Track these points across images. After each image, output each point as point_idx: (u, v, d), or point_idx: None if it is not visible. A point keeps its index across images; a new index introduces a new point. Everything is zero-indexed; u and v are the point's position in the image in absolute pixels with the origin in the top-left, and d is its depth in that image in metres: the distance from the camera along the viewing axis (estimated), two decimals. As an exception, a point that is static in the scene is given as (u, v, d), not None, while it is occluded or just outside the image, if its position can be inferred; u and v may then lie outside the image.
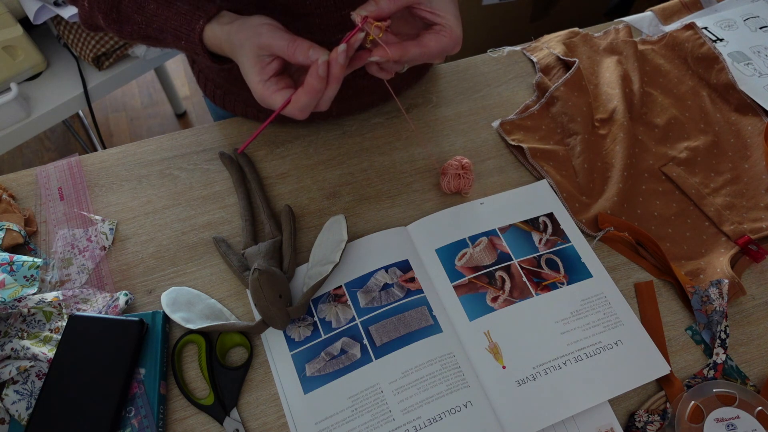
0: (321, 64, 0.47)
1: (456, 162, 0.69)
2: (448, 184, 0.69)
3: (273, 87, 0.50)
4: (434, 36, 0.50)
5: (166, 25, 0.54)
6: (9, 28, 1.10)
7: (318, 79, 0.48)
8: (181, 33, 0.54)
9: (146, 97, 2.06)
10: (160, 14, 0.54)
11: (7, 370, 0.53)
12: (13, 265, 0.58)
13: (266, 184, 0.72)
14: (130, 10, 0.55)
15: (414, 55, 0.50)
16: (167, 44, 0.57)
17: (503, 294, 0.62)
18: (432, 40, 0.50)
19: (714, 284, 0.61)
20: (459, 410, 0.55)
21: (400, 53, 0.50)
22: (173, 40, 0.55)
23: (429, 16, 0.50)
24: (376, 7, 0.48)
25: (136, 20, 0.55)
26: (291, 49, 0.48)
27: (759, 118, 0.78)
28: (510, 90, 0.82)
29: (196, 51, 0.54)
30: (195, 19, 0.53)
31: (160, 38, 0.56)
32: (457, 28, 0.51)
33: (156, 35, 0.56)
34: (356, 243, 0.66)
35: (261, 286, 0.57)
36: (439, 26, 0.50)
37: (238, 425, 0.55)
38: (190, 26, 0.53)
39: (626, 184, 0.71)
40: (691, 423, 0.54)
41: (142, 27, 0.56)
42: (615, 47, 0.86)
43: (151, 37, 0.57)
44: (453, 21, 0.50)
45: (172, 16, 0.54)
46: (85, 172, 0.72)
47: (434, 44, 0.50)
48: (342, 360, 0.58)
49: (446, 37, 0.50)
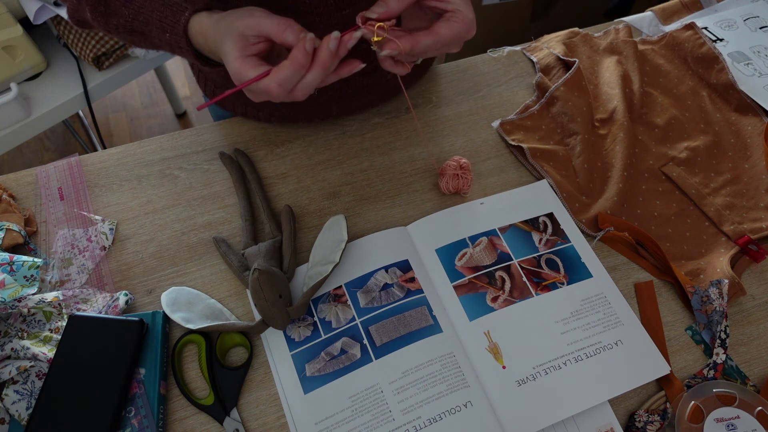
0: (309, 39, 0.46)
1: (454, 162, 0.69)
2: (447, 184, 0.69)
3: (251, 63, 0.48)
4: (445, 23, 0.49)
5: (152, 17, 0.53)
6: (9, 28, 1.10)
7: (304, 53, 0.46)
8: (166, 24, 0.53)
9: (146, 97, 2.06)
10: (147, 6, 0.54)
11: (7, 370, 0.53)
12: (13, 265, 0.58)
13: (266, 184, 0.72)
14: (117, 3, 0.55)
15: (426, 44, 0.49)
16: (152, 39, 0.56)
17: (503, 294, 0.62)
18: (443, 27, 0.49)
19: (714, 284, 0.61)
20: (459, 410, 0.55)
21: (411, 44, 0.48)
22: (158, 32, 0.54)
23: (438, 4, 0.49)
24: (386, 8, 0.47)
25: (123, 13, 0.55)
26: (282, 26, 0.47)
27: (759, 118, 0.78)
28: (510, 90, 0.82)
29: (179, 44, 0.53)
30: (181, 10, 0.52)
31: (146, 32, 0.56)
32: (468, 11, 0.49)
33: (141, 29, 0.55)
34: (356, 243, 0.66)
35: (261, 286, 0.57)
36: (450, 13, 0.49)
37: (238, 425, 0.55)
38: (175, 17, 0.52)
39: (626, 184, 0.71)
40: (691, 423, 0.54)
41: (129, 20, 0.55)
42: (615, 47, 0.86)
43: (137, 32, 0.56)
44: (462, 5, 0.49)
45: (159, 8, 0.53)
46: (85, 172, 0.72)
47: (446, 31, 0.49)
48: (342, 360, 0.58)
49: (458, 22, 0.49)
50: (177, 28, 0.52)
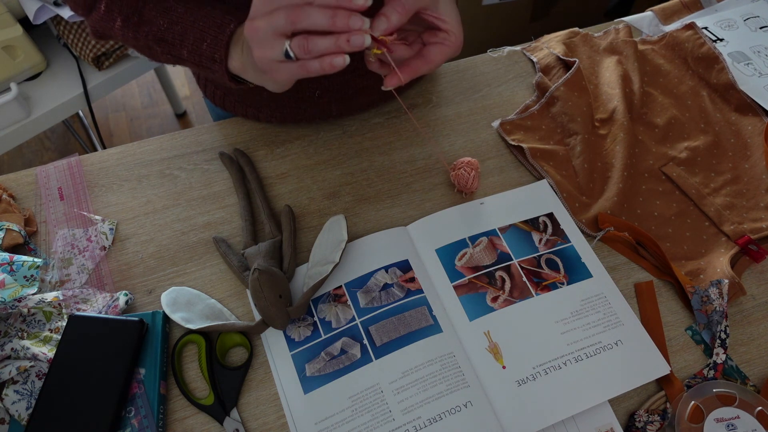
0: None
1: (465, 161, 0.69)
2: (461, 178, 0.68)
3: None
4: (438, 48, 0.51)
5: (193, 26, 0.54)
6: (9, 28, 1.10)
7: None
8: (207, 35, 0.54)
9: (146, 97, 2.06)
10: (187, 18, 0.54)
11: (7, 370, 0.53)
12: (13, 265, 0.58)
13: (266, 184, 0.72)
14: (153, 14, 0.56)
15: (422, 71, 0.51)
16: (179, 50, 0.57)
17: (503, 294, 0.62)
18: (437, 54, 0.51)
19: (714, 284, 0.61)
20: (459, 410, 0.55)
21: (411, 74, 0.51)
22: (193, 43, 0.55)
23: (434, 21, 0.50)
24: (388, 24, 0.48)
25: (157, 23, 0.56)
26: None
27: (759, 118, 0.78)
28: (510, 90, 0.82)
29: (214, 55, 0.54)
30: (226, 22, 0.53)
31: (176, 42, 0.56)
32: (460, 34, 0.51)
33: (172, 39, 0.56)
34: (356, 243, 0.66)
35: (261, 286, 0.57)
36: (444, 34, 0.51)
37: (238, 425, 0.55)
38: (220, 28, 0.53)
39: (626, 184, 0.71)
40: (691, 423, 0.54)
41: (162, 30, 0.56)
42: (615, 47, 0.86)
43: (166, 41, 0.56)
44: (456, 27, 0.51)
45: (202, 18, 0.54)
46: (85, 172, 0.72)
47: (439, 57, 0.51)
48: (342, 360, 0.58)
49: (449, 46, 0.51)
50: (221, 38, 0.53)
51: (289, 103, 0.73)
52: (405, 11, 0.47)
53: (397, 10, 0.47)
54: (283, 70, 0.48)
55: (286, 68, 0.48)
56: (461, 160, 0.69)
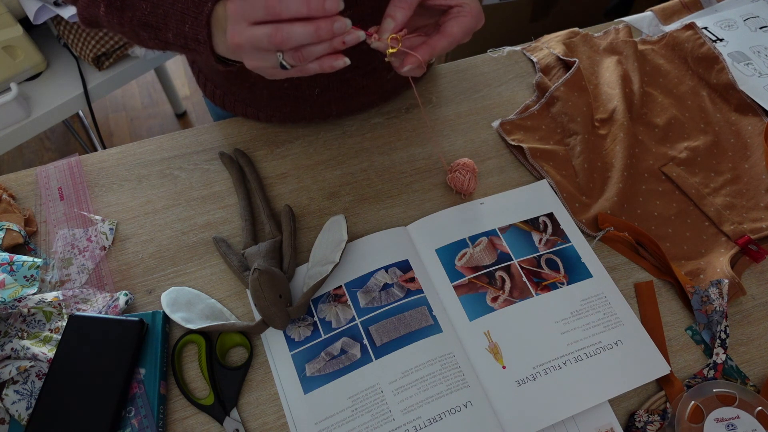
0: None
1: (462, 162, 0.69)
2: (457, 180, 0.68)
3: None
4: (455, 20, 0.49)
5: (174, 8, 0.51)
6: (9, 28, 1.10)
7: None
8: (188, 15, 0.51)
9: (146, 97, 2.06)
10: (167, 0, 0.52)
11: (7, 370, 0.53)
12: (13, 265, 0.58)
13: (266, 184, 0.72)
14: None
15: (442, 47, 0.49)
16: (165, 34, 0.54)
17: (503, 294, 0.62)
18: (454, 26, 0.49)
19: (714, 284, 0.61)
20: (459, 410, 0.55)
21: (430, 52, 0.49)
22: (176, 25, 0.52)
23: (441, 1, 0.49)
24: (394, 23, 0.47)
25: (140, 7, 0.53)
26: None
27: (759, 118, 0.78)
28: (510, 90, 0.82)
29: (198, 36, 0.51)
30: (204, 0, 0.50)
31: (161, 26, 0.54)
32: (473, 2, 0.49)
33: (157, 22, 0.54)
34: (356, 243, 0.66)
35: (261, 286, 0.57)
36: (457, 8, 0.49)
37: (238, 425, 0.55)
38: (198, 7, 0.50)
39: (626, 184, 0.71)
40: (691, 423, 0.54)
41: (145, 14, 0.54)
42: (615, 47, 0.86)
43: (150, 26, 0.54)
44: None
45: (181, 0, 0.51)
46: (85, 172, 0.72)
47: (457, 29, 0.49)
48: (342, 360, 0.58)
49: (466, 16, 0.49)
50: (200, 18, 0.50)
51: (289, 102, 0.73)
52: (408, 5, 0.47)
53: (400, 7, 0.47)
54: (279, 74, 0.48)
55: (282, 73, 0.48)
56: (458, 162, 0.69)
